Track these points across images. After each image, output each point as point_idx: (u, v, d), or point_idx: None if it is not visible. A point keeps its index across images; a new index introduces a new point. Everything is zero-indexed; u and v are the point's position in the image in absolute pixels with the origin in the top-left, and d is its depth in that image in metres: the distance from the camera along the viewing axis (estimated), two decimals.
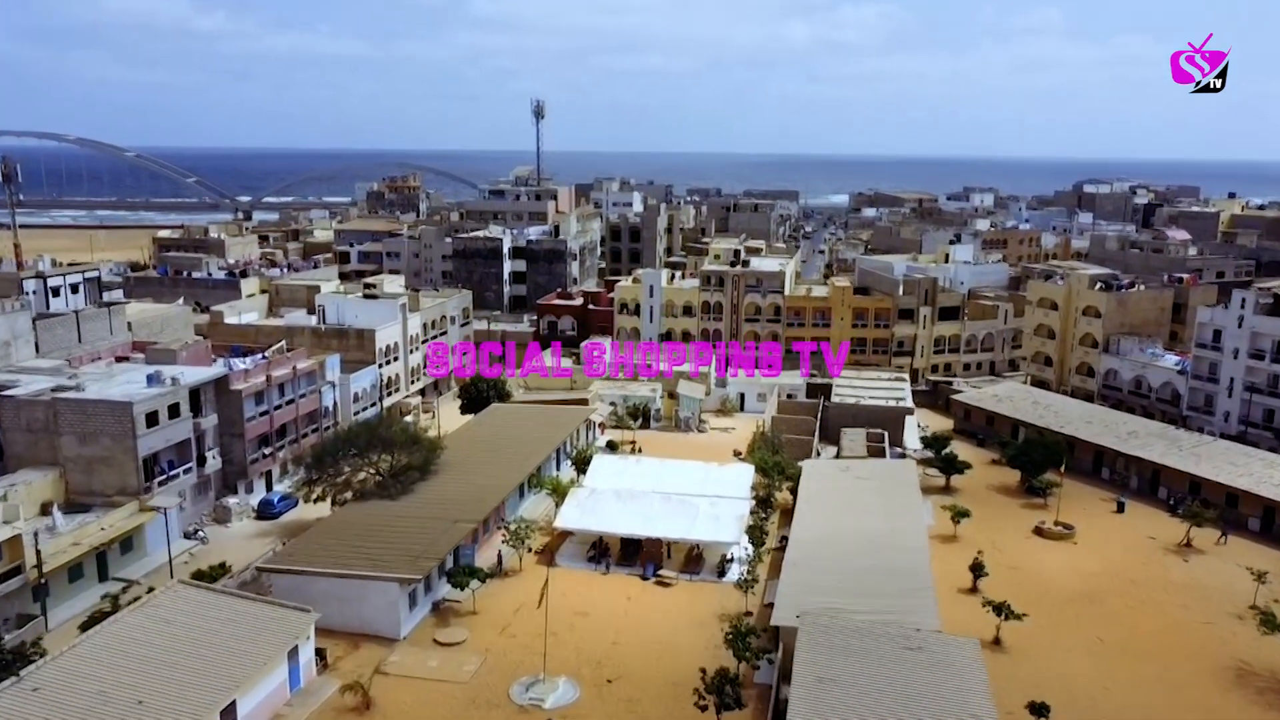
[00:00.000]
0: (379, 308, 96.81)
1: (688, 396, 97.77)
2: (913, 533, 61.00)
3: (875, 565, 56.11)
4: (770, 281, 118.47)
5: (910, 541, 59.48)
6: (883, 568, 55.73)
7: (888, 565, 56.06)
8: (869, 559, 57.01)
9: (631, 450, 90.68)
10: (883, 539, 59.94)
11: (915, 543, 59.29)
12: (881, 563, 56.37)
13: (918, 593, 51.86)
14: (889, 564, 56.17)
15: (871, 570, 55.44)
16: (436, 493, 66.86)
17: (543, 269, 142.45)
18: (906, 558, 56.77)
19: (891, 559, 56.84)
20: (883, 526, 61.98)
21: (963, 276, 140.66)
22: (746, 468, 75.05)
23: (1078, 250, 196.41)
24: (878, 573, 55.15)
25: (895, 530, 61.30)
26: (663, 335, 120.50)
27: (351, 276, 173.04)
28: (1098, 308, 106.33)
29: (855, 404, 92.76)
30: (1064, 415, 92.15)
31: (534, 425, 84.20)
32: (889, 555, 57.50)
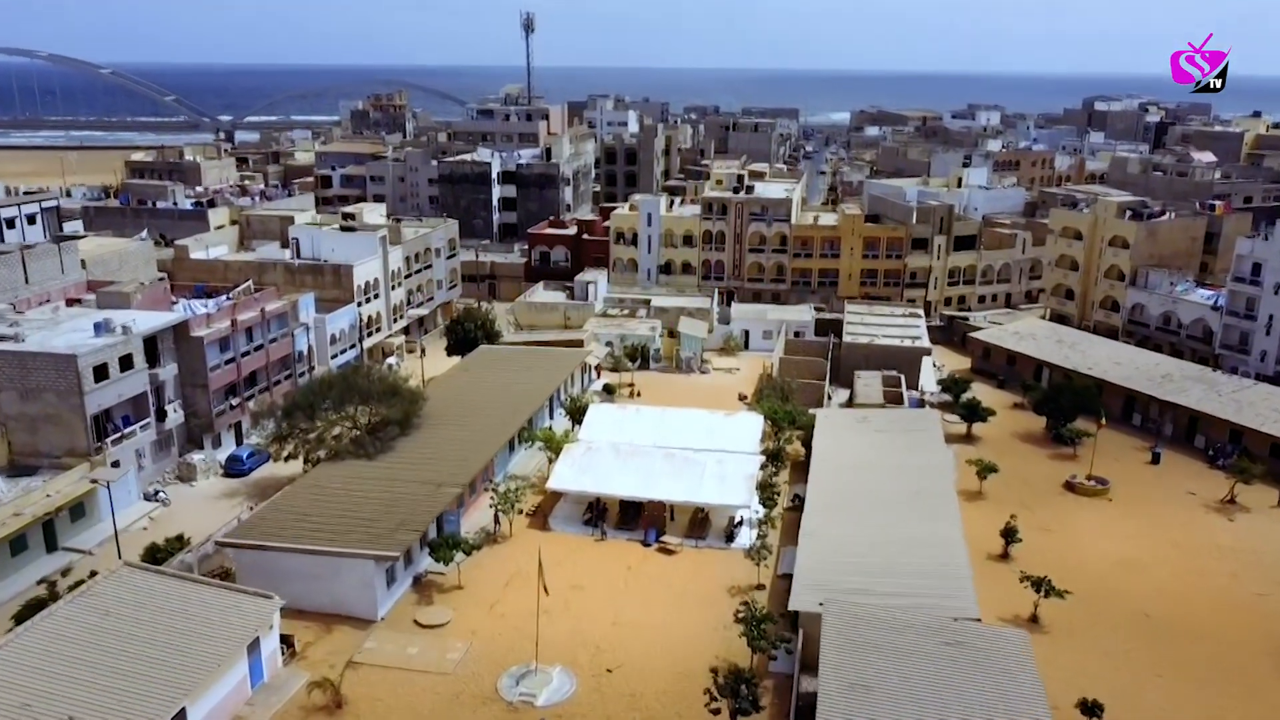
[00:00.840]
0: (357, 241, 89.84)
1: (689, 335, 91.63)
2: (941, 496, 55.54)
3: (902, 536, 50.75)
4: (776, 209, 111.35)
5: (939, 507, 54.03)
6: (911, 539, 50.37)
7: (916, 536, 50.69)
8: (895, 528, 51.62)
9: (630, 394, 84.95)
10: (908, 503, 54.50)
11: (944, 508, 53.84)
12: (909, 533, 51.00)
13: (952, 571, 46.56)
14: (917, 534, 50.80)
15: (898, 542, 50.09)
16: (418, 451, 61.13)
17: (534, 195, 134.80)
18: (936, 527, 51.35)
19: (919, 528, 51.45)
20: (907, 488, 56.50)
21: (977, 202, 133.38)
22: (755, 418, 69.33)
23: (1092, 172, 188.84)
24: (905, 545, 49.81)
25: (921, 492, 55.84)
26: (661, 267, 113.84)
27: (334, 201, 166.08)
28: (1126, 238, 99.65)
29: (869, 344, 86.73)
30: (1091, 355, 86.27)
31: (525, 370, 78.18)
32: (916, 523, 52.10)
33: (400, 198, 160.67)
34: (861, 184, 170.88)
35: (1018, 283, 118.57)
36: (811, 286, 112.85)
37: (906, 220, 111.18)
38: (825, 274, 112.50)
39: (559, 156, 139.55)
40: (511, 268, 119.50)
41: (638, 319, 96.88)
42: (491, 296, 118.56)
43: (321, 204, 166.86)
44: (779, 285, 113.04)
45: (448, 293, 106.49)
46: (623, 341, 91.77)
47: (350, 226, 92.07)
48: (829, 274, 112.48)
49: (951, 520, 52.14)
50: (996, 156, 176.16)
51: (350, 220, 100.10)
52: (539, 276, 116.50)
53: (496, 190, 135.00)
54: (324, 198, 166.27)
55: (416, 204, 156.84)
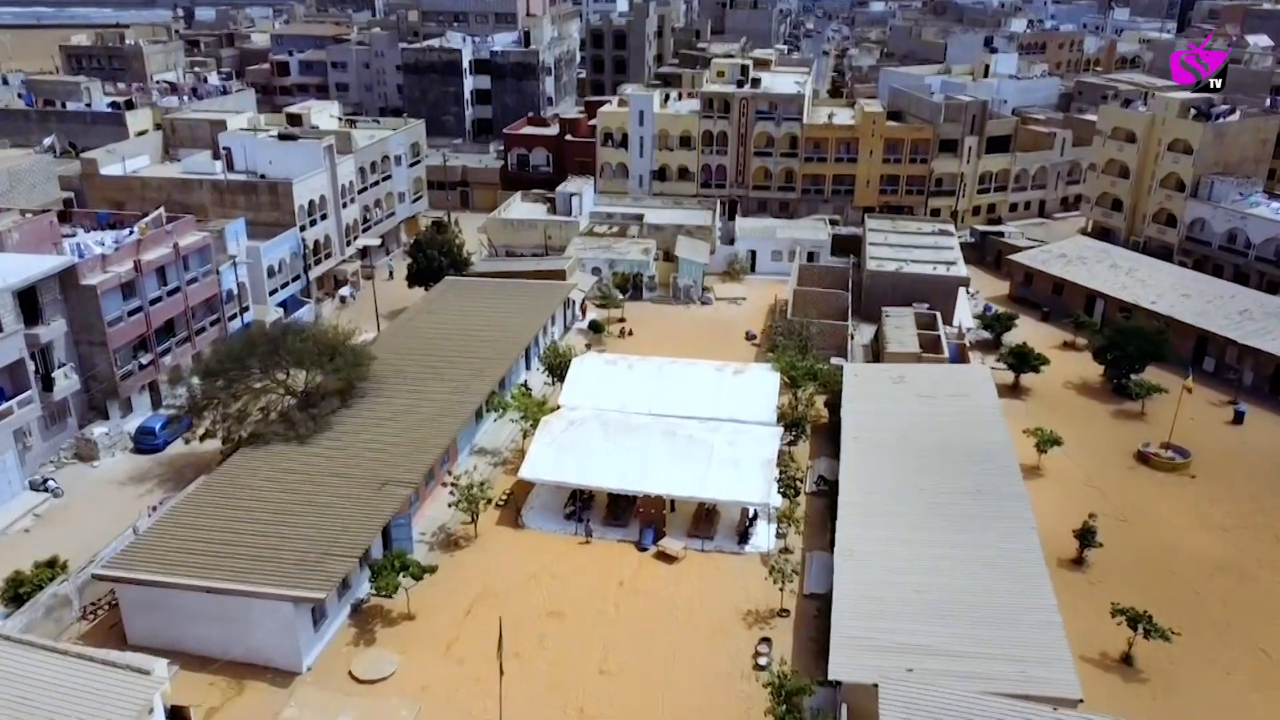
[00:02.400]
0: (300, 151, 76.37)
1: (688, 260, 79.44)
2: (1009, 496, 44.81)
3: (968, 560, 40.24)
4: (786, 107, 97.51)
5: (1009, 513, 43.36)
6: (980, 566, 39.88)
7: (987, 561, 40.18)
8: (957, 547, 41.07)
9: (620, 333, 73.37)
10: (970, 508, 43.83)
11: (1016, 516, 43.17)
12: (977, 556, 40.48)
13: (1042, 624, 36.10)
14: (988, 558, 40.27)
15: (964, 572, 39.58)
16: (362, 430, 49.88)
17: (511, 87, 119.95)
18: (1010, 548, 40.79)
19: (990, 549, 40.90)
20: (966, 483, 45.75)
21: (1006, 94, 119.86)
22: (770, 375, 58.07)
23: (1123, 56, 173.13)
24: (974, 576, 39.33)
25: (984, 491, 45.12)
26: (655, 173, 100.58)
27: (293, 92, 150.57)
28: (1189, 141, 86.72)
29: (896, 272, 74.79)
30: (1153, 284, 74.63)
31: (497, 309, 66.33)
32: (984, 540, 41.53)
33: (366, 86, 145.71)
34: (871, 71, 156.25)
35: (1054, 189, 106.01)
36: (824, 195, 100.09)
37: (933, 119, 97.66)
38: (840, 180, 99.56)
39: (539, 42, 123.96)
40: (486, 173, 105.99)
41: (629, 239, 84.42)
42: (464, 206, 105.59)
43: (280, 93, 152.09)
44: (788, 193, 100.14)
45: (412, 206, 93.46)
46: (612, 268, 79.61)
47: (290, 134, 78.24)
48: (844, 180, 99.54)
49: (1028, 537, 41.49)
50: (1021, 38, 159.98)
51: (295, 123, 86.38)
52: (517, 184, 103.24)
53: (469, 82, 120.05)
54: (282, 87, 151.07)
55: (384, 94, 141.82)
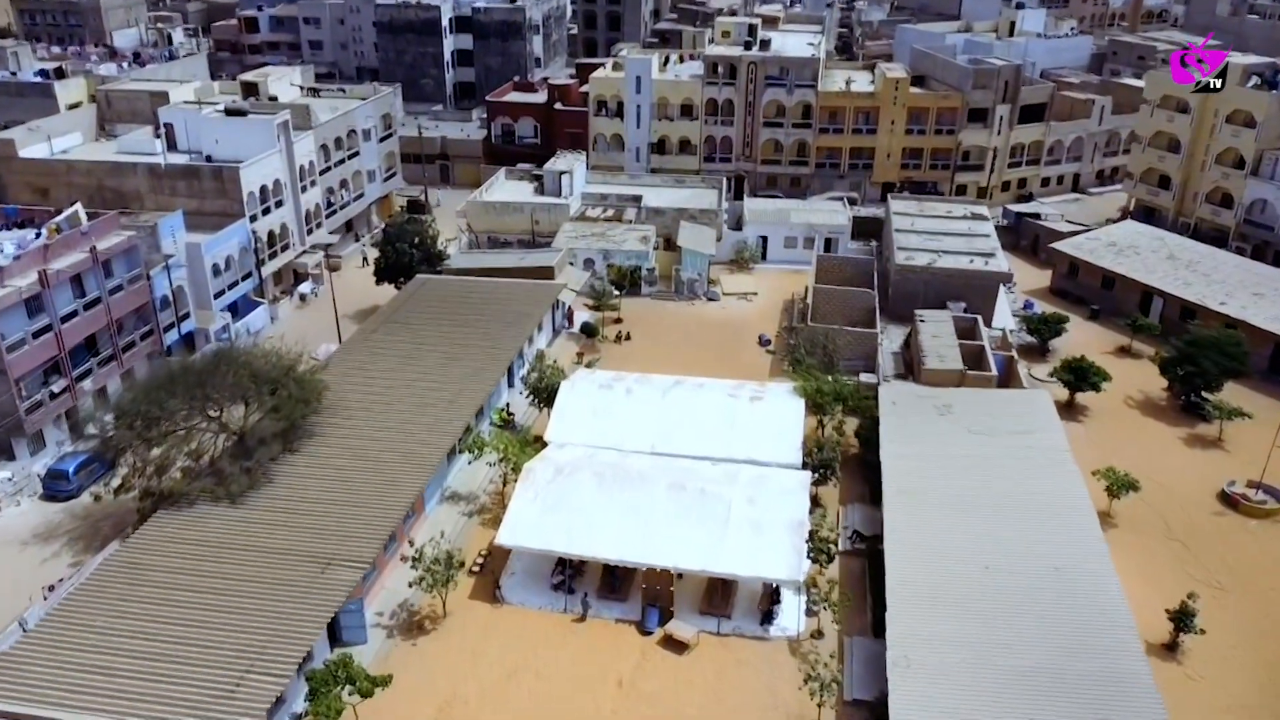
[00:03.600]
0: (250, 129, 66.86)
1: (693, 252, 70.46)
2: (1096, 575, 36.58)
3: (1056, 674, 32.09)
4: (799, 71, 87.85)
5: (1100, 604, 35.13)
6: (1073, 682, 31.75)
7: (1082, 675, 32.04)
8: (1039, 655, 32.88)
9: (616, 337, 64.69)
10: (1050, 594, 35.64)
11: (1109, 607, 34.94)
12: (1067, 669, 32.33)
13: None
14: (1082, 672, 32.12)
15: (1050, 690, 31.45)
16: (307, 485, 41.47)
17: (495, 47, 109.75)
18: (1110, 664, 32.58)
19: (1083, 659, 32.73)
20: (1040, 557, 37.51)
21: (1035, 54, 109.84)
22: (794, 403, 49.56)
23: (1150, 9, 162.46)
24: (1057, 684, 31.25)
25: (1065, 570, 36.85)
26: (654, 146, 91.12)
27: (263, 50, 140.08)
28: (1252, 113, 77.52)
29: (928, 267, 65.97)
30: (1218, 280, 65.99)
31: (475, 316, 57.54)
32: (1070, 649, 33.34)
33: (341, 45, 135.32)
34: (883, 27, 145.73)
35: (1090, 161, 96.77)
36: (840, 170, 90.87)
37: (962, 85, 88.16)
38: (858, 154, 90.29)
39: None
40: (468, 145, 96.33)
41: (625, 225, 75.30)
42: (444, 181, 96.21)
43: (249, 52, 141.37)
44: (800, 168, 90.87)
45: (384, 184, 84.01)
46: (606, 260, 70.65)
47: (239, 109, 68.49)
48: (862, 154, 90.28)
49: (1127, 642, 33.29)
50: None
51: (251, 94, 76.71)
52: (501, 157, 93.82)
53: (449, 42, 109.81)
54: (250, 45, 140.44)
55: (360, 52, 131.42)
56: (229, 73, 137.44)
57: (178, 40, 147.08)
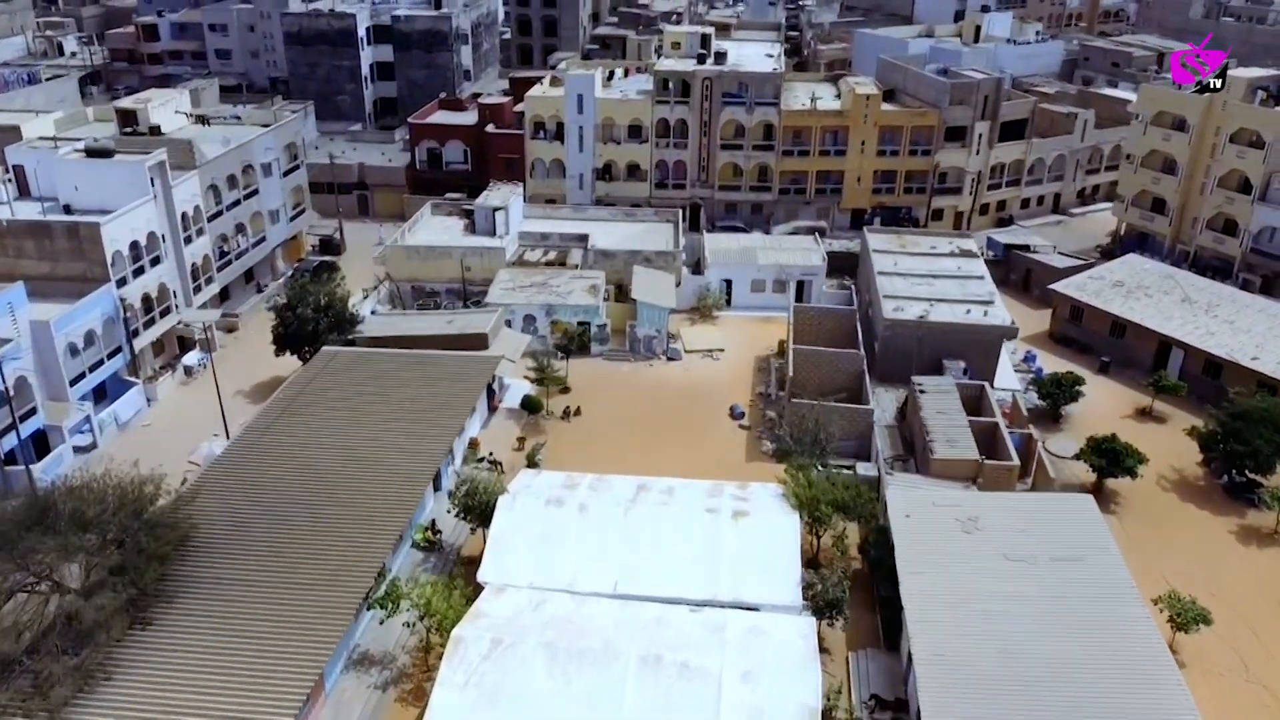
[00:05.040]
0: (116, 173, 55.71)
1: (650, 305, 60.89)
2: None
3: None
4: (760, 88, 78.78)
5: None
6: None
7: None
8: None
9: (565, 415, 54.90)
10: None
11: None
12: None
13: None
14: None
15: None
16: (155, 685, 31.12)
17: (419, 59, 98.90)
18: None
19: None
20: None
21: (1005, 61, 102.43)
22: (788, 521, 40.29)
23: (1107, 9, 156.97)
24: None
25: None
26: (599, 171, 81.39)
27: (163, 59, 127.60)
28: (1259, 132, 70.34)
29: (921, 321, 57.25)
30: (1243, 327, 58.35)
31: (393, 404, 47.37)
32: None
33: (252, 53, 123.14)
34: (836, 29, 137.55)
35: (1072, 180, 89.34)
36: (806, 195, 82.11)
37: (938, 101, 79.89)
38: (825, 178, 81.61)
39: (453, 3, 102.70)
40: (390, 173, 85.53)
41: (570, 270, 65.56)
42: (362, 213, 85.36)
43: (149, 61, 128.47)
44: (762, 194, 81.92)
45: (290, 224, 73.03)
46: (549, 315, 60.84)
47: (103, 150, 56.92)
48: (830, 177, 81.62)
49: None
50: None
51: (129, 124, 65.36)
52: (428, 185, 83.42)
53: (367, 54, 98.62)
54: (150, 54, 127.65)
55: (273, 62, 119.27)
56: (126, 86, 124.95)
57: (69, 49, 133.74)
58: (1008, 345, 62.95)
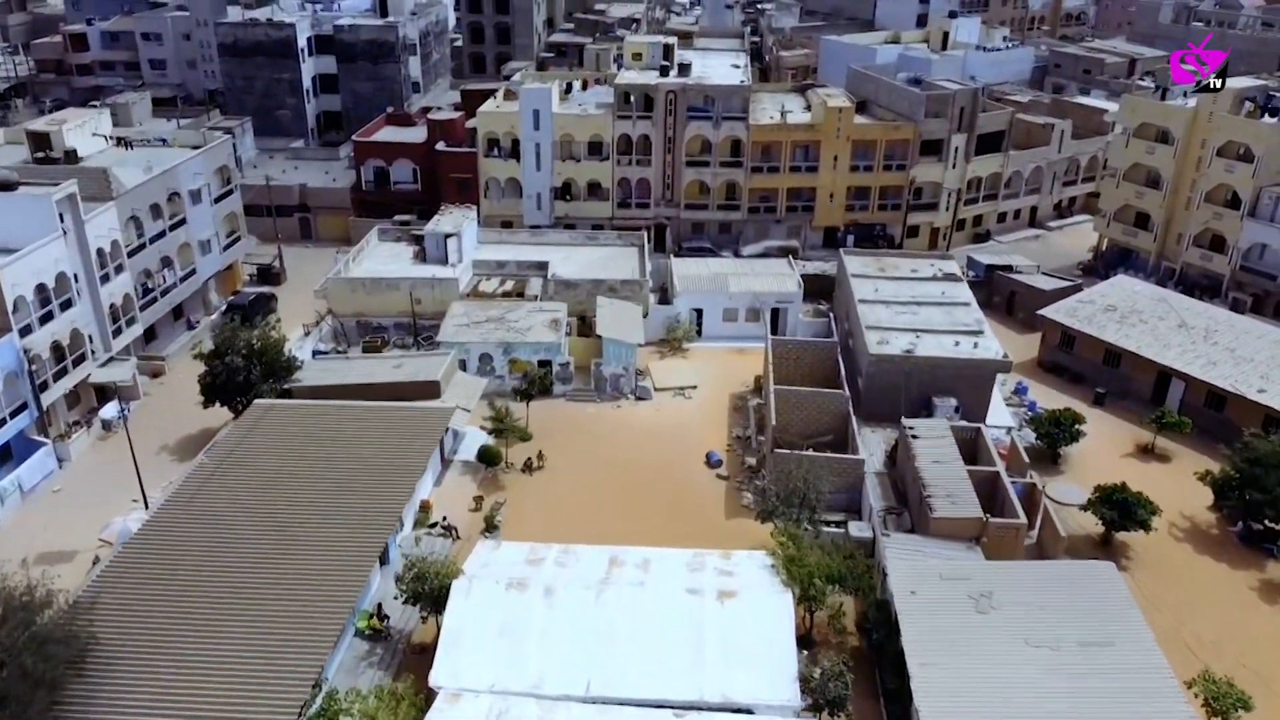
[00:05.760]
0: (19, 208, 49.93)
1: (617, 342, 56.27)
2: None
3: None
4: (726, 101, 74.53)
5: None
6: None
7: None
8: None
9: (526, 468, 50.11)
10: None
11: None
12: None
13: None
14: None
15: None
16: None
17: (364, 71, 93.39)
18: None
19: None
20: None
21: (976, 69, 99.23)
22: (780, 601, 35.89)
23: (1069, 11, 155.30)
24: None
25: None
26: (558, 190, 76.63)
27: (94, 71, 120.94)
28: (1248, 145, 67.41)
29: (908, 357, 53.22)
30: (1245, 355, 54.98)
31: (334, 467, 42.38)
32: None
33: (188, 63, 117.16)
34: (797, 35, 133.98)
35: (1049, 193, 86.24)
36: (776, 213, 77.96)
37: (913, 113, 76.19)
38: (796, 194, 77.52)
39: (399, 10, 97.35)
40: (334, 194, 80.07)
41: (529, 302, 60.80)
42: (304, 237, 79.90)
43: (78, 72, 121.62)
44: (730, 213, 77.64)
45: (223, 254, 67.40)
46: (507, 354, 56.03)
47: (4, 183, 51.09)
48: (801, 194, 77.56)
49: None
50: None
51: (43, 148, 59.61)
52: (374, 206, 78.18)
53: (309, 66, 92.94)
54: (79, 65, 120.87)
55: (211, 72, 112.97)
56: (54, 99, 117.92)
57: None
58: (999, 377, 59.37)
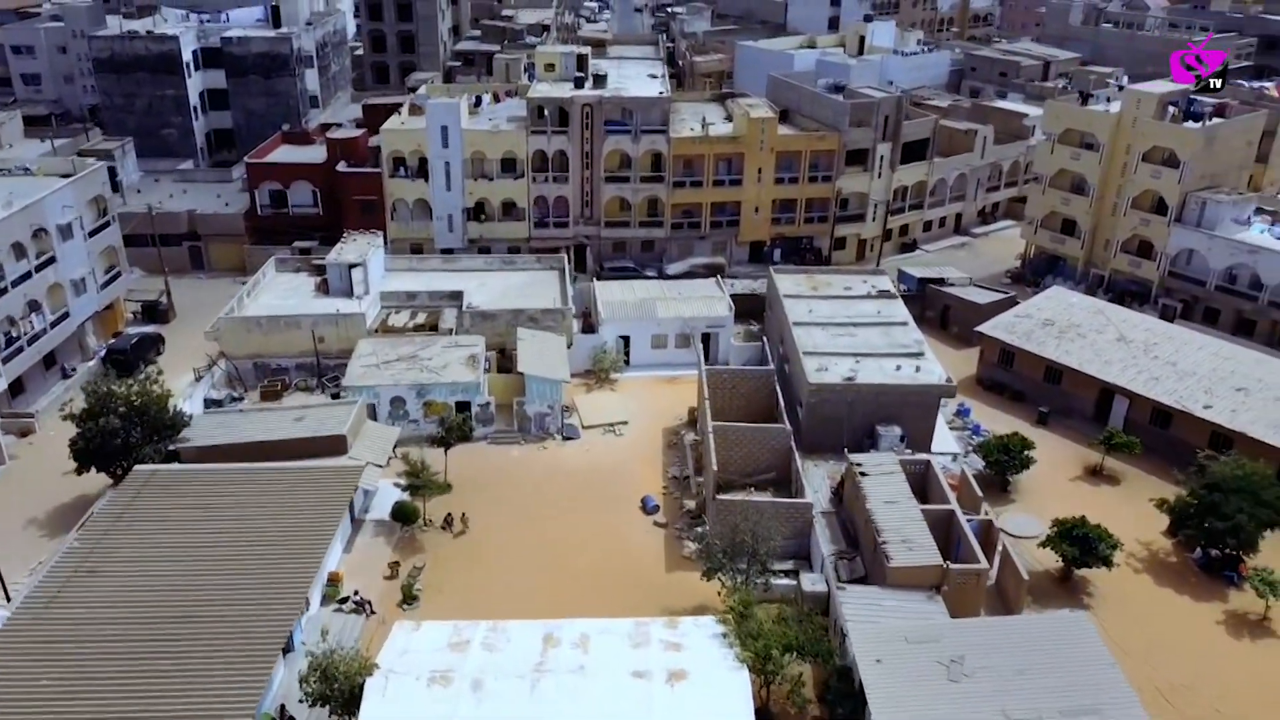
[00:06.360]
0: None
1: (541, 379, 52.27)
2: None
3: None
4: (646, 114, 71.08)
5: None
6: None
7: None
8: None
9: (447, 524, 45.81)
10: None
11: None
12: None
13: None
14: None
15: None
16: None
17: (257, 86, 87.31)
18: None
19: None
20: None
21: (894, 74, 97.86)
22: (736, 678, 32.49)
23: (977, 12, 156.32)
24: None
25: None
26: (470, 211, 72.24)
27: None
28: (1173, 150, 66.65)
29: (849, 384, 50.44)
30: (1187, 368, 53.68)
31: (226, 542, 37.65)
32: None
33: (65, 78, 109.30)
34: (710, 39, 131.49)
35: (973, 199, 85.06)
36: (701, 229, 74.87)
37: (837, 122, 73.89)
38: (720, 209, 74.56)
39: (294, 20, 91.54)
40: (226, 220, 74.04)
41: (443, 336, 56.38)
42: (195, 268, 73.94)
43: None
44: (653, 229, 74.26)
45: (101, 293, 61.29)
46: (421, 397, 51.56)
47: None
48: (726, 209, 74.64)
49: None
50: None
51: None
52: (271, 232, 72.80)
53: (196, 81, 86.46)
54: None
55: (90, 87, 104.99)
56: None
57: None
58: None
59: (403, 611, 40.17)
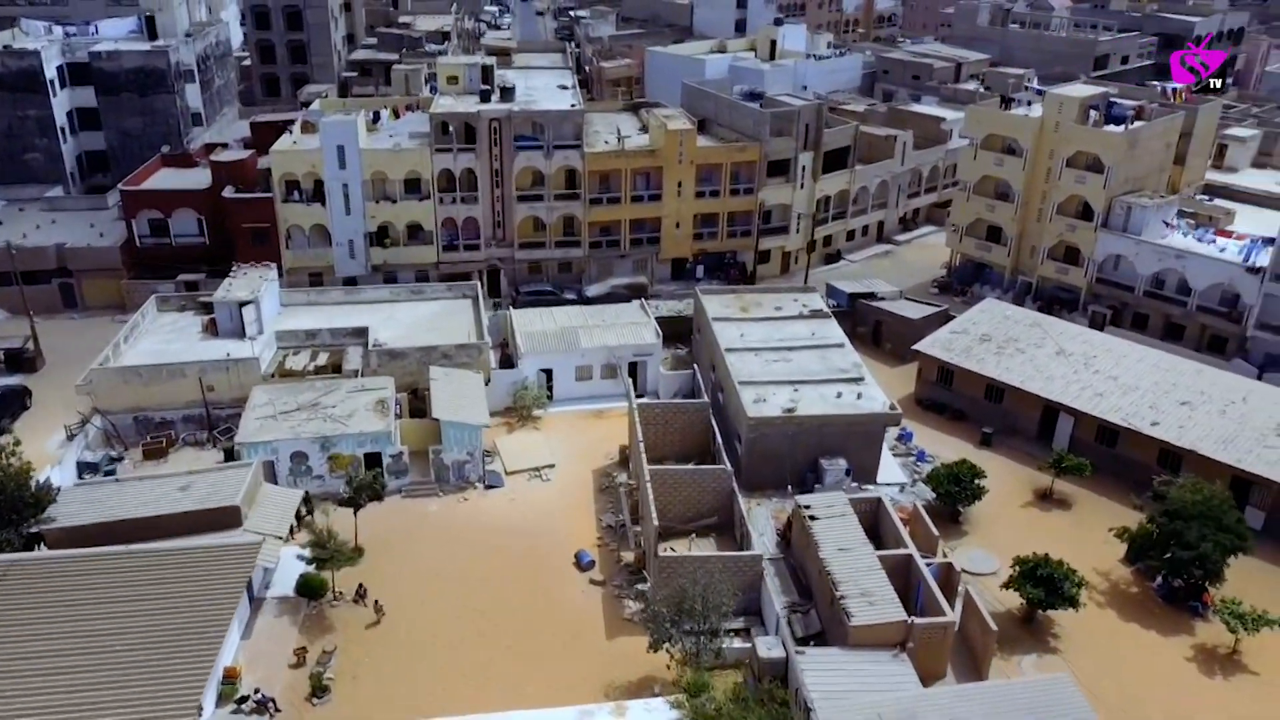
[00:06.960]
0: None
1: (459, 424, 47.86)
2: None
3: None
4: (558, 128, 67.07)
5: None
6: None
7: None
8: None
9: (359, 597, 41.11)
10: None
11: None
12: None
13: None
14: None
15: None
16: None
17: (132, 104, 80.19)
18: None
19: None
20: None
21: (809, 78, 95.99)
22: None
23: (881, 13, 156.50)
24: None
25: None
26: (373, 236, 67.20)
27: None
28: (1097, 154, 65.56)
29: (790, 417, 47.42)
30: (1129, 383, 52.12)
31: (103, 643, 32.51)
32: None
33: None
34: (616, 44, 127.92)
35: (895, 206, 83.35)
36: (620, 247, 71.27)
37: (757, 132, 71.10)
38: (640, 226, 71.09)
39: (171, 31, 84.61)
40: (101, 254, 67.28)
41: (347, 380, 51.46)
42: (68, 306, 67.21)
43: None
44: (570, 249, 70.37)
45: None
46: (326, 450, 46.67)
47: None
48: (646, 225, 71.19)
49: None
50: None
51: None
52: (152, 264, 66.63)
53: (62, 99, 79.05)
54: None
55: None
56: None
57: None
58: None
59: (312, 706, 35.55)
